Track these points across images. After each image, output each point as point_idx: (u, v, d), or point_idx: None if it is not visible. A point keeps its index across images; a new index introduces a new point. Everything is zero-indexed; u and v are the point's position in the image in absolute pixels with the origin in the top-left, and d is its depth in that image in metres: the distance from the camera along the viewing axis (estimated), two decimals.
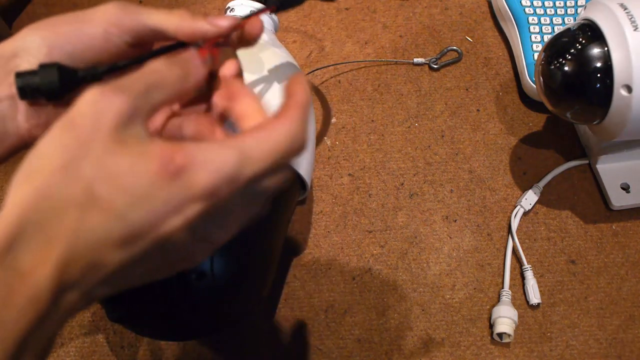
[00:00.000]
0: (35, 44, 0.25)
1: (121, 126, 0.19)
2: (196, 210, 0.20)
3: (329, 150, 0.53)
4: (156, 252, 0.20)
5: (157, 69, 0.22)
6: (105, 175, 0.19)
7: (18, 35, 0.25)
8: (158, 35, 0.26)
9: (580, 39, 0.42)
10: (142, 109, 0.20)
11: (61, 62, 0.24)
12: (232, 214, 0.22)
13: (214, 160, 0.20)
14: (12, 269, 0.18)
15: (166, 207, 0.19)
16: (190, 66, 0.23)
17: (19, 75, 0.23)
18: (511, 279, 0.47)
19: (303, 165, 0.41)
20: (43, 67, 0.23)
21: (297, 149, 0.22)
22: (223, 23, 0.25)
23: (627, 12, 0.39)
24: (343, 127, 0.54)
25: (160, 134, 0.26)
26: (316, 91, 0.56)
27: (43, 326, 0.19)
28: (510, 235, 0.48)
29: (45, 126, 0.24)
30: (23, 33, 0.25)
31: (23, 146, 0.26)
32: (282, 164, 0.22)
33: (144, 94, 0.20)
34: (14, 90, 0.24)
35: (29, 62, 0.24)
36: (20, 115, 0.25)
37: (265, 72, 0.39)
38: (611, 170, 0.50)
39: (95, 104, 0.19)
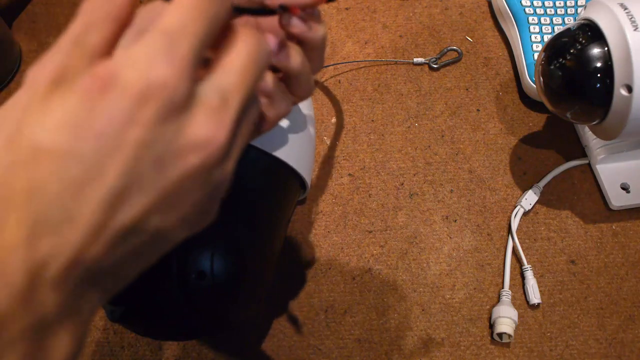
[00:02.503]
0: None
1: (56, 79, 0.18)
2: (151, 111, 0.17)
3: (329, 150, 0.53)
4: (140, 183, 0.18)
5: (83, 9, 0.19)
6: (41, 123, 0.17)
7: None
8: None
9: (580, 39, 0.42)
10: (78, 57, 0.18)
11: None
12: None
13: (139, 54, 0.18)
14: None
15: (112, 123, 0.17)
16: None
17: None
18: (511, 279, 0.47)
19: (303, 165, 0.41)
20: None
21: (217, 3, 0.19)
22: None
23: (627, 12, 0.39)
24: (343, 127, 0.54)
25: None
26: (316, 91, 0.56)
27: (27, 315, 0.16)
28: (510, 235, 0.48)
29: None
30: None
31: None
32: (210, 21, 0.19)
33: (74, 44, 0.18)
34: None
35: None
36: None
37: None
38: (611, 170, 0.50)
39: (30, 76, 0.18)
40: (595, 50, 0.40)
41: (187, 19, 0.18)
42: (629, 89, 0.39)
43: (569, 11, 0.56)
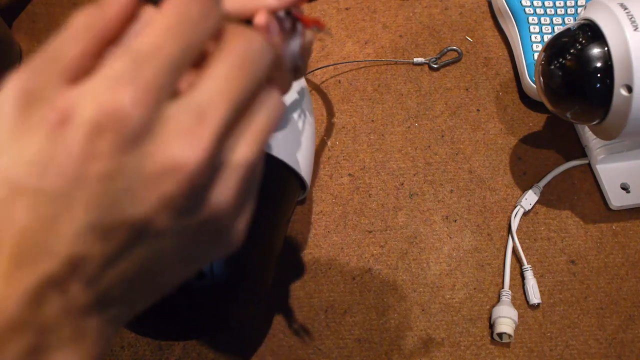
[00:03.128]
0: None
1: (25, 101, 0.17)
2: (108, 142, 0.16)
3: (329, 150, 0.53)
4: (115, 215, 0.17)
5: (68, 24, 0.18)
6: (12, 157, 0.17)
7: None
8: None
9: (580, 39, 0.42)
10: (49, 72, 0.17)
11: None
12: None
13: (100, 81, 0.17)
14: None
15: (71, 159, 0.16)
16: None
17: None
18: (511, 279, 0.47)
19: (303, 165, 0.41)
20: None
21: (194, 16, 0.18)
22: None
23: (627, 12, 0.39)
24: (343, 127, 0.54)
25: None
26: (316, 91, 0.56)
27: (21, 339, 0.17)
28: (510, 235, 0.48)
29: None
30: None
31: None
32: (183, 39, 0.18)
33: (46, 59, 0.18)
34: None
35: None
36: None
37: None
38: (611, 170, 0.50)
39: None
40: (595, 50, 0.40)
41: (161, 40, 0.17)
42: (629, 89, 0.39)
43: (569, 11, 0.56)
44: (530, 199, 0.49)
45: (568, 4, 0.56)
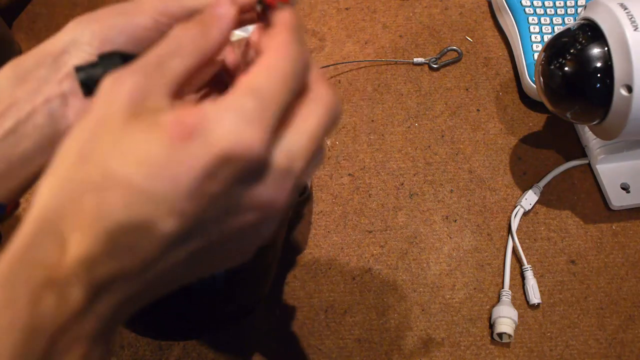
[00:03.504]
0: (86, 38, 0.24)
1: (136, 103, 0.18)
2: (230, 171, 0.18)
3: (329, 150, 0.53)
4: (199, 230, 0.18)
5: (173, 35, 0.20)
6: (119, 152, 0.18)
7: (65, 30, 0.24)
8: None
9: (581, 39, 0.42)
10: (158, 81, 0.19)
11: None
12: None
13: (230, 111, 0.18)
14: (35, 267, 0.17)
15: (190, 173, 0.17)
16: (207, 20, 0.21)
17: (80, 69, 0.22)
18: (511, 279, 0.47)
19: None
20: (103, 57, 0.22)
21: (302, 66, 0.20)
22: None
23: (627, 12, 0.39)
24: (343, 127, 0.54)
25: None
26: None
27: (76, 328, 0.18)
28: (510, 235, 0.48)
29: None
30: (71, 28, 0.24)
31: None
32: (295, 85, 0.20)
33: (156, 66, 0.19)
34: (64, 87, 0.24)
35: (79, 58, 0.24)
36: (72, 113, 0.24)
37: None
38: (611, 170, 0.50)
39: (108, 89, 0.19)
40: (595, 50, 0.40)
41: (278, 84, 0.19)
42: (629, 89, 0.39)
43: (569, 11, 0.56)
44: (530, 199, 0.49)
45: (568, 4, 0.56)
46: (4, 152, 0.24)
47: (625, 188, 0.50)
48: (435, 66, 0.57)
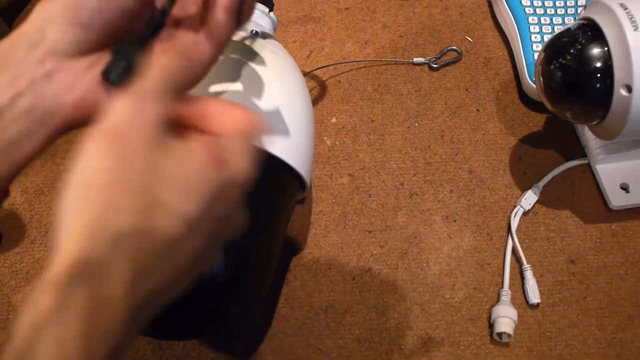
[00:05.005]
0: (56, 11, 0.24)
1: (159, 131, 0.20)
2: (236, 196, 0.22)
3: (329, 150, 0.53)
4: (205, 244, 0.21)
5: (170, 66, 0.22)
6: (158, 179, 0.19)
7: (35, 11, 0.24)
8: None
9: (581, 39, 0.42)
10: (167, 109, 0.21)
11: (89, 20, 0.24)
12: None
13: (238, 149, 0.22)
14: (88, 304, 0.18)
15: (219, 195, 0.21)
16: (193, 53, 0.25)
17: (107, 72, 0.24)
18: (511, 278, 0.47)
19: (303, 164, 0.41)
20: (117, 50, 0.24)
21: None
22: None
23: (627, 12, 0.39)
24: (343, 127, 0.54)
25: None
26: (316, 91, 0.56)
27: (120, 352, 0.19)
28: (510, 235, 0.48)
29: (86, 96, 0.24)
30: (39, 8, 0.25)
31: (68, 126, 0.25)
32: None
33: (167, 95, 0.21)
34: (47, 67, 0.24)
35: (55, 32, 0.24)
36: (58, 88, 0.24)
37: (264, 73, 0.39)
38: (611, 170, 0.51)
39: (134, 115, 0.20)
40: (595, 50, 0.40)
41: (247, 131, 0.23)
42: (629, 89, 0.39)
43: (569, 11, 0.56)
44: (530, 199, 0.50)
45: (568, 4, 0.56)
46: None
47: (625, 188, 0.50)
48: (435, 66, 0.57)
